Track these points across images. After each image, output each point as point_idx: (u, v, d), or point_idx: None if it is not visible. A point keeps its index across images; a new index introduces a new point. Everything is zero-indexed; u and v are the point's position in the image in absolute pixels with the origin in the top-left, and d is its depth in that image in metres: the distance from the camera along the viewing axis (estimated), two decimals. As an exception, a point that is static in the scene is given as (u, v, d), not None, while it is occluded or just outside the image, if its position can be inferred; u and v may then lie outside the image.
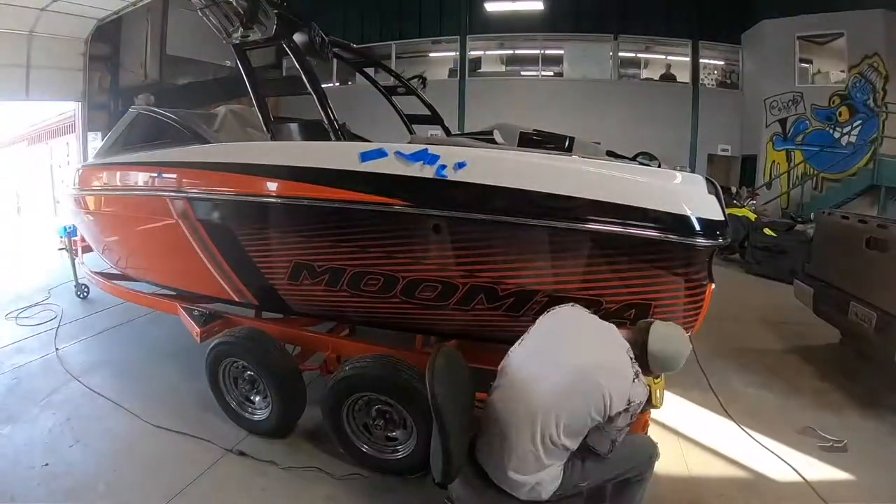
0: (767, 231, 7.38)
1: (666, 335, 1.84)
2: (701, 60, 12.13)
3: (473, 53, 13.47)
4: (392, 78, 4.72)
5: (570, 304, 2.04)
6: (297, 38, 3.08)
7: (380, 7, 13.41)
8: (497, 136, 3.93)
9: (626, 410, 1.71)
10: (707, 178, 2.30)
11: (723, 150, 12.05)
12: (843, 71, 10.38)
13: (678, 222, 2.14)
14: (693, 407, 3.41)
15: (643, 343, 1.83)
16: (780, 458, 2.85)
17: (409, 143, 2.46)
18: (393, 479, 2.66)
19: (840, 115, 10.31)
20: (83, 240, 5.17)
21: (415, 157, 2.34)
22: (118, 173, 3.56)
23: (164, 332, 4.37)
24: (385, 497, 2.57)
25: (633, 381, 1.74)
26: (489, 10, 12.44)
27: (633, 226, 2.15)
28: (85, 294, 5.51)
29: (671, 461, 2.81)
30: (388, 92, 4.65)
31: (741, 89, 11.97)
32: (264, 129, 2.86)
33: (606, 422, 1.74)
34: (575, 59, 12.80)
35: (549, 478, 1.77)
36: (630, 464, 1.98)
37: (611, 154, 3.44)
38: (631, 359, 1.79)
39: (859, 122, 10.09)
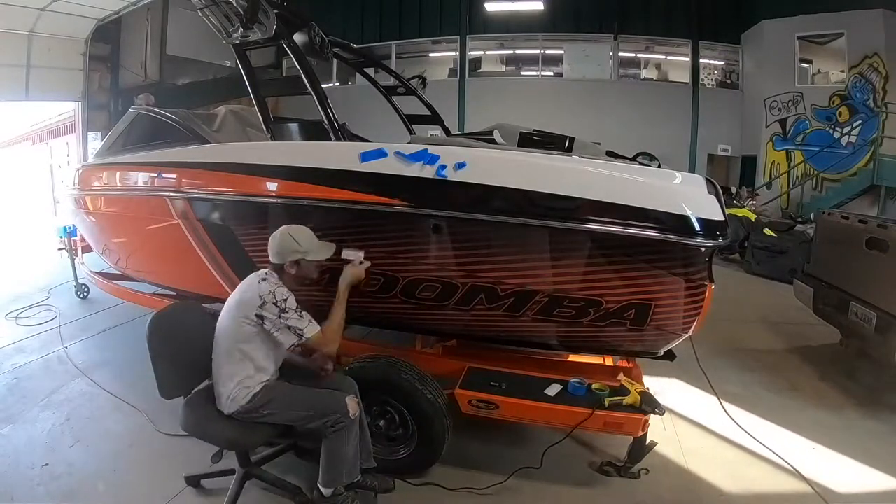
0: (767, 231, 7.39)
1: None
2: (701, 60, 12.13)
3: (473, 53, 13.47)
4: (392, 78, 4.72)
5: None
6: (297, 38, 3.08)
7: (380, 7, 13.41)
8: (497, 136, 3.93)
9: (264, 303, 2.15)
10: (707, 179, 2.30)
11: (723, 150, 12.05)
12: (843, 71, 10.39)
13: (678, 222, 2.14)
14: (693, 407, 3.41)
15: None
16: (780, 457, 2.85)
17: (409, 143, 2.46)
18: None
19: (840, 115, 10.31)
20: (83, 240, 5.17)
21: (415, 157, 2.34)
22: (118, 173, 3.56)
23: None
24: (385, 496, 2.56)
25: (259, 283, 2.21)
26: (489, 10, 12.43)
27: (632, 226, 2.15)
28: (85, 294, 5.51)
29: (671, 461, 2.82)
30: (388, 92, 4.65)
31: (741, 89, 11.97)
32: (264, 129, 2.86)
33: (262, 320, 2.16)
34: (575, 59, 12.79)
35: (236, 393, 2.19)
36: (320, 410, 2.23)
37: (611, 154, 3.43)
38: (262, 276, 2.25)
39: (859, 122, 10.09)
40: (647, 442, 2.61)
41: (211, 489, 2.53)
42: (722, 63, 12.63)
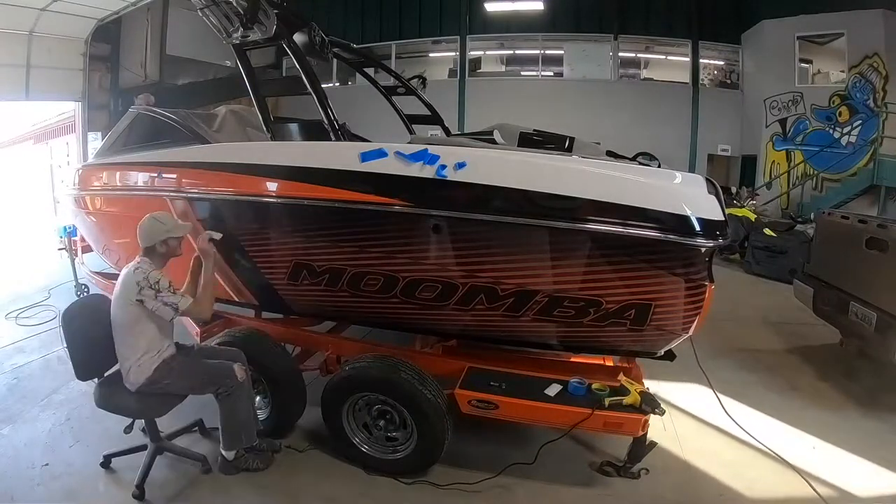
0: (767, 231, 7.39)
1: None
2: (701, 60, 12.12)
3: (473, 53, 13.46)
4: (392, 78, 4.72)
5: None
6: (297, 38, 3.08)
7: (380, 7, 13.40)
8: (497, 136, 3.93)
9: (141, 288, 2.37)
10: (707, 179, 2.30)
11: (723, 150, 12.04)
12: (843, 71, 10.38)
13: (678, 222, 2.14)
14: (693, 407, 3.41)
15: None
16: (780, 457, 2.85)
17: (409, 143, 2.47)
18: (393, 479, 2.66)
19: (840, 115, 10.30)
20: (83, 240, 5.17)
21: (415, 157, 2.34)
22: (118, 173, 3.56)
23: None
24: (383, 497, 2.57)
25: (133, 272, 2.41)
26: (489, 10, 12.43)
27: (632, 226, 2.15)
28: (85, 294, 5.50)
29: (672, 461, 2.82)
30: (388, 92, 4.65)
31: (741, 89, 11.97)
32: (264, 129, 2.87)
33: (142, 302, 2.38)
34: (575, 59, 12.78)
35: (135, 370, 2.43)
36: (211, 377, 2.54)
37: (611, 154, 3.44)
38: (136, 265, 2.45)
39: (859, 122, 10.08)
40: (647, 442, 2.61)
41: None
42: (722, 63, 12.62)
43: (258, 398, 3.01)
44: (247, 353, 2.83)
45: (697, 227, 2.14)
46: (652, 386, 2.71)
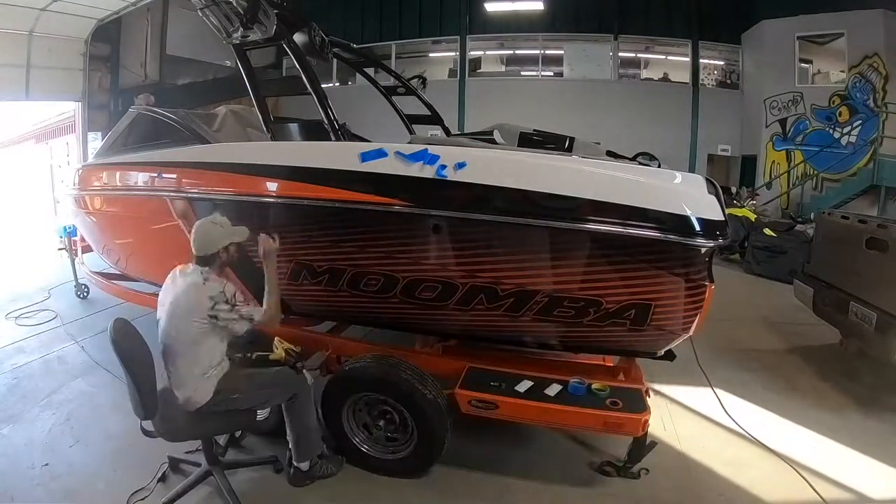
0: (767, 231, 7.39)
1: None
2: (701, 60, 12.12)
3: (473, 53, 13.45)
4: (392, 78, 4.72)
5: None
6: (297, 38, 3.08)
7: (380, 7, 13.40)
8: (497, 136, 3.93)
9: (216, 303, 2.23)
10: (707, 179, 2.30)
11: (723, 150, 12.03)
12: (843, 71, 10.37)
13: (678, 222, 2.14)
14: (693, 407, 3.41)
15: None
16: (780, 457, 2.85)
17: (409, 143, 2.47)
18: (392, 480, 2.67)
19: (840, 115, 10.30)
20: (83, 240, 5.17)
21: (415, 157, 2.34)
22: (118, 173, 3.56)
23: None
24: (383, 497, 2.57)
25: (204, 284, 2.27)
26: (489, 10, 12.42)
27: (632, 226, 2.15)
28: (85, 294, 5.51)
29: (672, 461, 2.82)
30: (388, 92, 4.65)
31: (741, 89, 11.97)
32: (264, 129, 2.86)
33: (216, 318, 2.24)
34: (575, 59, 12.78)
35: (201, 388, 2.28)
36: (275, 387, 2.45)
37: (611, 154, 3.44)
38: (203, 276, 2.30)
39: (859, 122, 10.08)
40: (647, 442, 2.61)
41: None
42: (722, 63, 12.62)
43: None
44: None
45: (697, 227, 2.14)
46: (652, 386, 2.70)
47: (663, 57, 13.04)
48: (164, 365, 2.34)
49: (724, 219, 2.20)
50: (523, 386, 2.58)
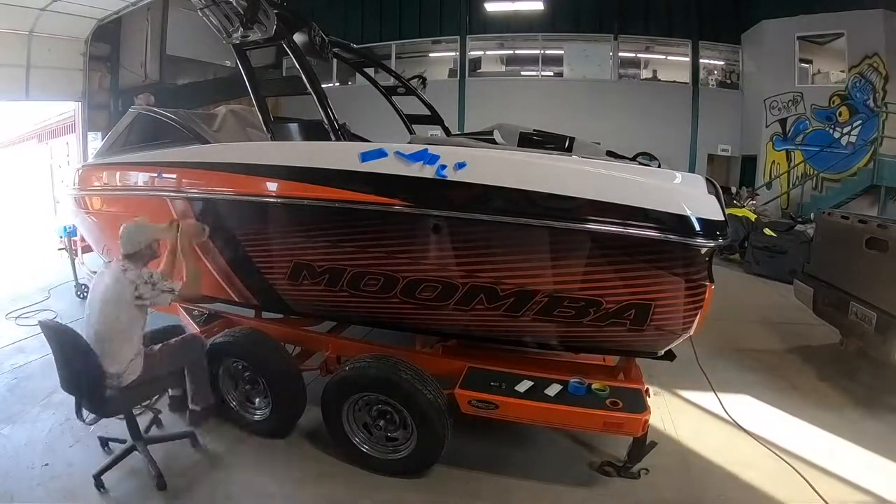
0: (767, 231, 7.39)
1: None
2: (701, 60, 12.12)
3: (473, 53, 13.45)
4: (392, 78, 4.72)
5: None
6: (297, 38, 3.08)
7: (380, 7, 13.40)
8: (497, 136, 3.93)
9: (137, 286, 2.49)
10: (707, 179, 2.30)
11: (723, 150, 12.04)
12: (843, 71, 10.37)
13: (678, 222, 2.14)
14: (693, 407, 3.41)
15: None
16: (780, 457, 2.85)
17: (409, 143, 2.47)
18: (392, 480, 2.67)
19: (840, 115, 10.30)
20: (83, 240, 5.17)
21: (415, 157, 2.34)
22: (118, 173, 3.56)
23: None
24: (383, 497, 2.57)
25: (124, 274, 2.50)
26: (489, 10, 12.42)
27: (632, 226, 2.15)
28: (85, 294, 5.50)
29: (671, 461, 2.82)
30: (388, 92, 4.65)
31: (741, 89, 11.97)
32: (264, 129, 2.87)
33: (142, 299, 2.51)
34: (575, 59, 12.78)
35: (133, 366, 2.52)
36: (185, 350, 2.80)
37: (611, 154, 3.44)
38: (122, 268, 2.55)
39: (859, 122, 10.08)
40: (648, 442, 2.61)
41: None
42: (722, 63, 12.62)
43: (258, 399, 3.08)
44: (245, 353, 2.93)
45: (697, 227, 2.14)
46: (652, 386, 2.70)
47: (663, 57, 13.04)
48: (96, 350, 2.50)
49: (724, 219, 2.20)
50: (523, 386, 2.58)
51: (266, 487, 2.60)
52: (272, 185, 2.65)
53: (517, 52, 13.94)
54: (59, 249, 5.62)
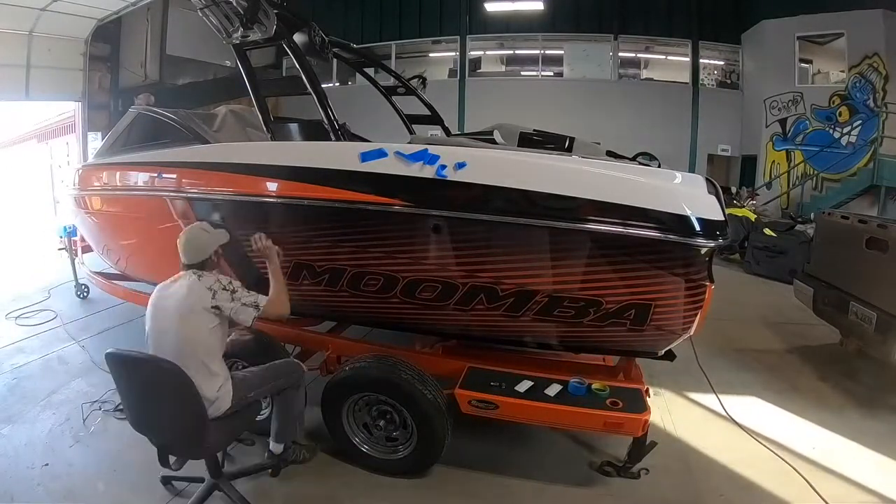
0: (767, 231, 7.39)
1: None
2: (701, 60, 12.13)
3: (473, 53, 13.46)
4: (392, 78, 4.72)
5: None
6: (297, 38, 3.08)
7: (380, 7, 13.41)
8: (497, 136, 3.93)
9: (215, 292, 2.22)
10: (707, 179, 2.30)
11: (723, 150, 12.04)
12: (843, 71, 10.38)
13: (678, 222, 2.14)
14: (694, 407, 3.41)
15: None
16: (780, 458, 2.85)
17: (409, 143, 2.46)
18: (392, 480, 2.67)
19: (840, 115, 10.30)
20: (83, 240, 5.17)
21: (415, 157, 2.34)
22: (118, 173, 3.56)
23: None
24: (383, 497, 2.57)
25: (199, 280, 2.25)
26: (489, 10, 12.43)
27: (632, 226, 2.15)
28: (85, 294, 5.51)
29: (671, 461, 2.82)
30: (388, 92, 4.65)
31: (741, 89, 11.97)
32: (264, 129, 2.86)
33: (220, 309, 2.23)
34: (575, 59, 12.79)
35: (223, 396, 2.22)
36: (279, 376, 2.50)
37: (611, 154, 3.44)
38: (196, 274, 2.28)
39: (859, 122, 10.08)
40: (648, 442, 2.61)
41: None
42: (722, 63, 12.62)
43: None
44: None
45: (697, 227, 2.14)
46: (652, 386, 2.70)
47: (663, 57, 13.05)
48: None
49: (724, 219, 2.19)
50: (523, 386, 2.57)
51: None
52: (272, 185, 2.65)
53: (517, 52, 13.95)
54: (59, 249, 5.62)
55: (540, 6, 12.08)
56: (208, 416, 2.12)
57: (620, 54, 12.56)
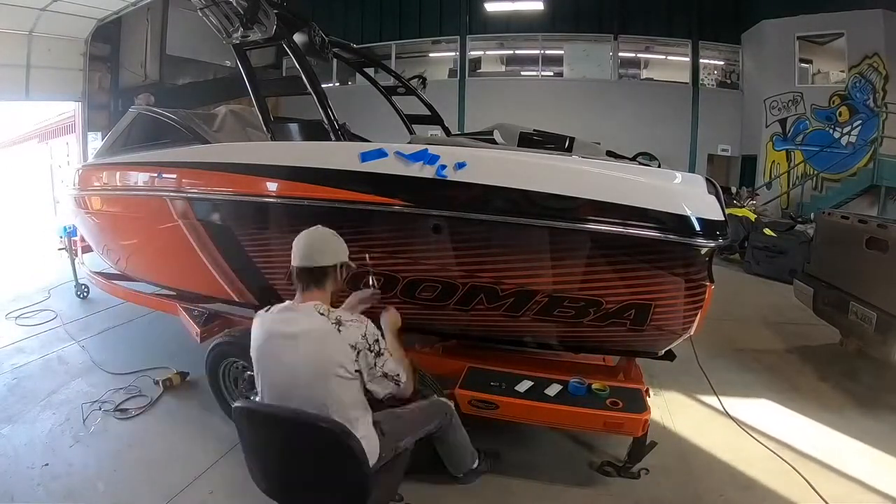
0: (767, 231, 7.39)
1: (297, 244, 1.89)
2: (701, 60, 12.13)
3: (473, 53, 13.47)
4: (392, 78, 4.72)
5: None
6: (297, 38, 3.08)
7: (380, 7, 13.41)
8: (497, 136, 3.93)
9: (359, 351, 1.76)
10: (707, 179, 2.30)
11: (723, 150, 12.05)
12: (843, 71, 10.38)
13: (678, 222, 2.14)
14: (694, 407, 3.41)
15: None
16: (780, 458, 2.85)
17: (409, 143, 2.46)
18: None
19: (840, 115, 10.31)
20: (83, 240, 5.18)
21: (415, 157, 2.34)
22: (118, 173, 3.56)
23: (164, 333, 4.37)
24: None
25: (339, 330, 1.75)
26: (489, 10, 12.44)
27: (632, 226, 2.15)
28: (85, 294, 5.51)
29: (672, 461, 2.82)
30: (388, 92, 4.65)
31: (741, 89, 11.97)
32: (264, 129, 2.86)
33: (360, 372, 1.79)
34: (575, 59, 12.79)
35: (369, 447, 1.79)
36: (429, 420, 2.21)
37: (611, 154, 3.43)
38: (323, 315, 1.77)
39: (859, 122, 10.09)
40: (648, 442, 2.61)
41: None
42: (722, 63, 12.63)
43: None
44: (246, 352, 2.81)
45: (697, 227, 2.14)
46: (652, 386, 2.70)
47: (663, 57, 13.05)
48: None
49: (724, 219, 2.19)
50: (523, 386, 2.58)
51: None
52: (272, 185, 2.65)
53: (517, 52, 13.96)
54: (59, 249, 5.62)
55: (540, 6, 12.08)
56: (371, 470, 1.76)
57: (620, 54, 12.57)
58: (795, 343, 4.57)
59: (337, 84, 13.58)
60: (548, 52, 13.03)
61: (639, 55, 13.34)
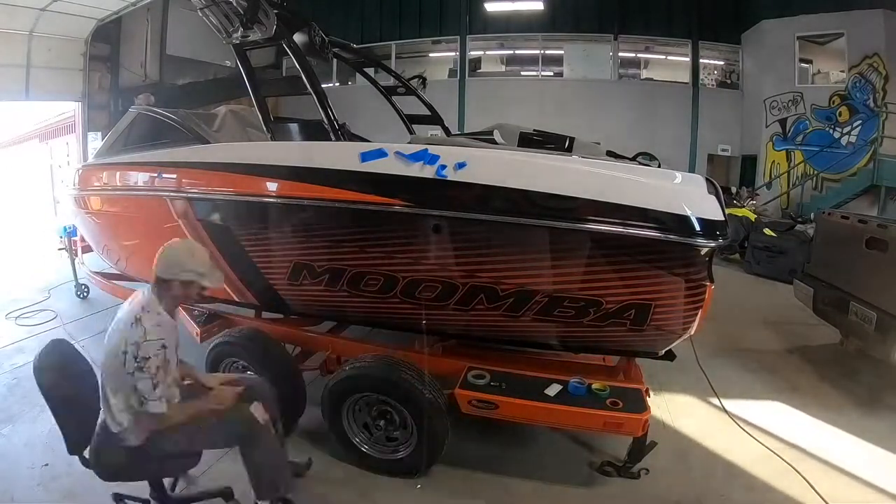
0: (767, 231, 7.39)
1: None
2: (701, 60, 12.13)
3: (473, 53, 13.46)
4: (392, 78, 4.73)
5: None
6: (297, 38, 3.09)
7: (380, 7, 13.41)
8: (497, 136, 3.93)
9: (126, 354, 1.89)
10: (707, 179, 2.30)
11: (723, 150, 12.04)
12: (843, 71, 10.38)
13: (678, 222, 2.14)
14: (694, 407, 3.41)
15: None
16: (780, 457, 2.85)
17: (409, 143, 2.47)
18: (392, 479, 2.67)
19: (840, 115, 10.30)
20: (83, 240, 5.18)
21: (415, 157, 2.34)
22: (118, 173, 3.56)
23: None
24: (383, 497, 2.57)
25: (131, 326, 1.93)
26: (489, 10, 12.43)
27: (632, 226, 2.15)
28: (85, 294, 5.51)
29: (672, 461, 2.82)
30: (388, 92, 4.65)
31: (741, 89, 11.97)
32: (264, 129, 2.87)
33: (125, 367, 1.91)
34: (575, 59, 12.79)
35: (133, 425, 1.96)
36: (223, 430, 2.11)
37: (611, 154, 3.44)
38: (134, 318, 1.96)
39: (859, 122, 10.08)
40: (648, 442, 2.61)
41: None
42: (722, 63, 12.63)
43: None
44: (245, 351, 2.83)
45: (697, 227, 2.14)
46: (652, 386, 2.70)
47: (663, 57, 13.05)
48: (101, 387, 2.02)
49: (724, 219, 2.20)
50: (524, 386, 2.57)
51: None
52: (272, 185, 2.65)
53: (517, 52, 13.95)
54: (59, 249, 5.63)
55: (540, 6, 12.08)
56: (106, 434, 2.00)
57: (620, 54, 12.56)
58: (795, 343, 4.57)
59: (337, 84, 13.58)
60: (548, 52, 13.02)
61: (639, 55, 13.33)
